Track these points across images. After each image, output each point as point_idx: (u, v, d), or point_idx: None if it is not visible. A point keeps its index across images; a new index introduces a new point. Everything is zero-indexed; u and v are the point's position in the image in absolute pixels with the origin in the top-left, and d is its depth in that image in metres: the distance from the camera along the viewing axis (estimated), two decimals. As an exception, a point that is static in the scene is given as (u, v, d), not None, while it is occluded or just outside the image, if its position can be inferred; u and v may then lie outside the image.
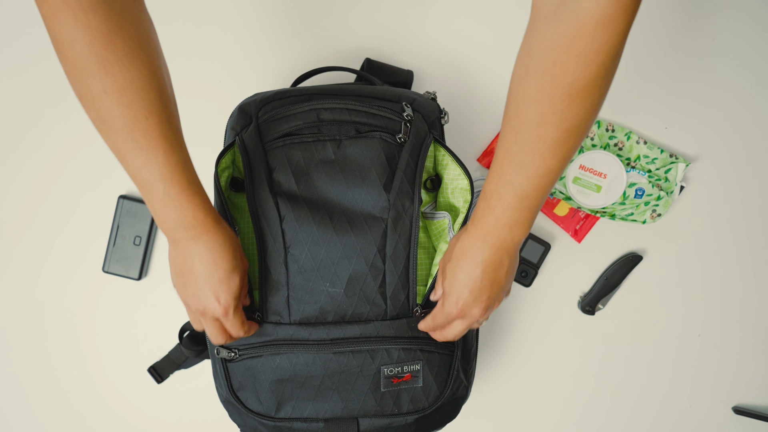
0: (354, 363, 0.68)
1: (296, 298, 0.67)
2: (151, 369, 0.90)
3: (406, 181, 0.68)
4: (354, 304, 0.67)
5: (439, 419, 0.72)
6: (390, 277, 0.67)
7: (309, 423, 0.69)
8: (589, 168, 0.89)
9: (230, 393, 0.70)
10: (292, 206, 0.67)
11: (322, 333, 0.67)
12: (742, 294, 0.94)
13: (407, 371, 0.69)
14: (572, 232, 0.92)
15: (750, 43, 0.93)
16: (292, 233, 0.67)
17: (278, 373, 0.68)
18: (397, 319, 0.68)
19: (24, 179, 0.93)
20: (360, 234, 0.67)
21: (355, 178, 0.67)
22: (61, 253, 0.93)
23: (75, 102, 0.92)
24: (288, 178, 0.68)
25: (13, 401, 0.93)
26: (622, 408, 0.95)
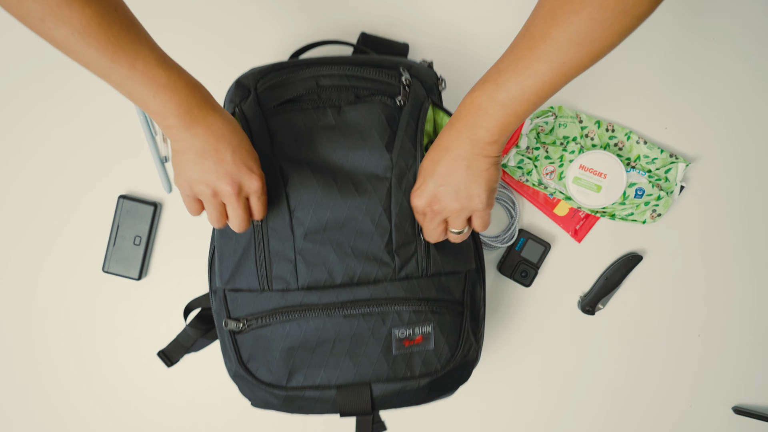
0: (365, 326, 0.67)
1: (303, 263, 0.66)
2: (160, 353, 0.88)
3: (408, 140, 0.67)
4: (362, 264, 0.66)
5: (451, 382, 0.72)
6: (397, 235, 0.67)
7: (321, 391, 0.68)
8: (589, 168, 0.89)
9: (240, 365, 0.69)
10: (295, 170, 0.66)
11: (332, 296, 0.67)
12: (742, 294, 0.94)
13: (418, 333, 0.68)
14: (572, 232, 0.92)
15: (750, 43, 0.93)
16: (297, 196, 0.66)
17: (288, 340, 0.67)
18: (407, 280, 0.67)
19: (24, 179, 0.93)
20: (364, 194, 0.66)
21: (357, 140, 0.67)
22: (61, 253, 0.93)
23: (75, 102, 0.92)
24: (290, 143, 0.67)
25: (13, 401, 0.94)
26: (622, 408, 0.95)
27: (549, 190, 0.91)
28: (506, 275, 0.92)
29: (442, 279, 0.69)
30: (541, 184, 0.91)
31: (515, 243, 0.92)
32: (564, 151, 0.90)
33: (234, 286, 0.69)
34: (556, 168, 0.90)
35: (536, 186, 0.91)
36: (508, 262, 0.92)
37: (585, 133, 0.91)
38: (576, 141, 0.90)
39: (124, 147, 0.93)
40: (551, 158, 0.90)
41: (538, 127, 0.90)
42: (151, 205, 0.90)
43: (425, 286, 0.68)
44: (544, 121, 0.90)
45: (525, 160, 0.90)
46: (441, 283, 0.69)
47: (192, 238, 0.93)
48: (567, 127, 0.90)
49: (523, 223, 0.94)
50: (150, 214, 0.90)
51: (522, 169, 0.91)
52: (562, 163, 0.90)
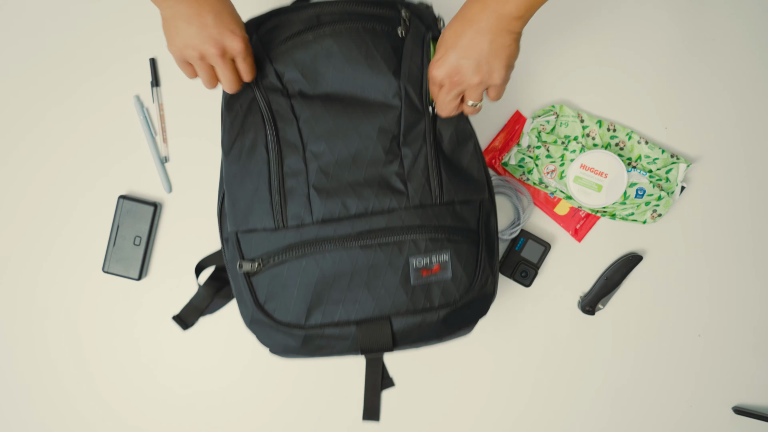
0: (382, 256, 0.66)
1: (317, 196, 0.66)
2: (175, 317, 0.86)
3: (415, 66, 0.68)
4: (375, 192, 0.66)
5: (470, 314, 0.71)
6: (408, 162, 0.67)
7: (341, 328, 0.67)
8: (590, 167, 0.88)
9: (257, 307, 0.68)
10: (306, 105, 0.67)
11: (347, 228, 0.66)
12: (742, 294, 0.94)
13: (436, 262, 0.67)
14: (572, 232, 0.92)
15: (750, 43, 0.93)
16: (309, 130, 0.66)
17: (306, 276, 0.66)
18: (421, 208, 0.67)
19: (24, 179, 0.93)
20: (375, 122, 0.67)
21: (364, 68, 0.68)
22: (61, 253, 0.93)
23: (75, 101, 0.92)
24: (298, 79, 0.68)
25: (13, 401, 0.94)
26: (622, 408, 0.95)
27: (550, 189, 0.91)
28: (506, 275, 0.92)
29: (456, 207, 0.69)
30: (542, 182, 0.91)
31: (517, 240, 0.92)
32: (565, 150, 0.90)
33: (247, 227, 0.68)
34: (557, 167, 0.90)
35: (537, 185, 0.91)
36: (508, 262, 0.92)
37: (586, 133, 0.91)
38: (577, 140, 0.90)
39: (124, 147, 0.92)
40: (552, 157, 0.90)
41: (540, 126, 0.90)
42: (151, 205, 0.90)
43: (440, 213, 0.68)
44: (546, 120, 0.90)
45: (526, 159, 0.90)
46: (456, 211, 0.69)
47: (192, 238, 0.93)
48: (568, 126, 0.90)
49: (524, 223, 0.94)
50: (150, 214, 0.90)
51: (523, 168, 0.91)
52: (563, 162, 0.90)
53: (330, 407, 0.94)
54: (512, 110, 0.93)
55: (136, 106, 0.92)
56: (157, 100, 0.92)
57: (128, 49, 0.92)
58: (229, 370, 0.93)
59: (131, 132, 0.92)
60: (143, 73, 0.92)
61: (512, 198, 0.91)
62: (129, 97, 0.92)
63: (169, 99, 0.92)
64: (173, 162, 0.93)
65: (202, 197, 0.93)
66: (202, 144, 0.92)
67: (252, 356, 0.93)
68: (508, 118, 0.93)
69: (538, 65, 0.93)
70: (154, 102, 0.92)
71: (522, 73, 0.93)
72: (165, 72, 0.92)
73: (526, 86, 0.93)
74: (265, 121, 0.67)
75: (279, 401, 0.94)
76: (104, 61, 0.92)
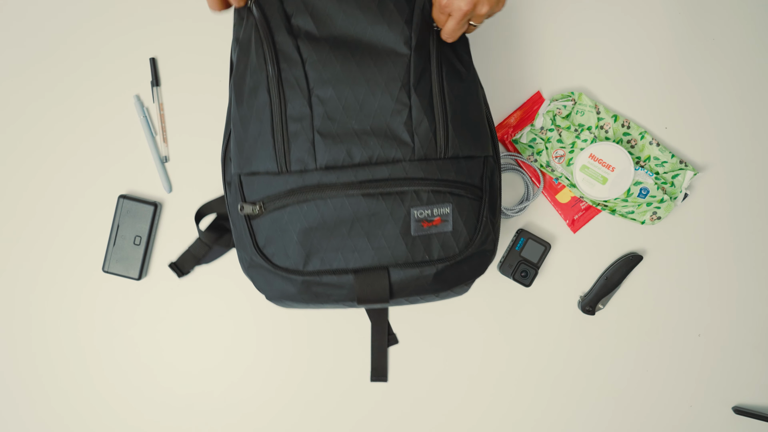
0: (383, 206, 0.66)
1: (322, 141, 0.65)
2: (172, 264, 0.85)
3: (426, 17, 0.67)
4: (381, 142, 0.66)
5: (468, 271, 0.71)
6: (416, 113, 0.66)
7: (339, 276, 0.67)
8: (599, 158, 0.88)
9: (256, 250, 0.68)
10: (313, 47, 0.66)
11: (350, 175, 0.66)
12: (742, 294, 0.94)
13: (437, 214, 0.67)
14: (570, 221, 0.93)
15: (750, 43, 0.93)
16: (316, 74, 0.66)
17: (306, 221, 0.66)
18: (426, 161, 0.67)
19: (24, 178, 0.93)
20: (384, 69, 0.66)
21: (375, 15, 0.67)
22: (61, 253, 0.93)
23: (75, 100, 0.92)
24: (306, 21, 0.67)
25: (12, 401, 0.94)
26: (622, 408, 0.95)
27: (555, 173, 0.91)
28: (506, 275, 0.92)
29: (461, 162, 0.68)
30: (548, 166, 0.91)
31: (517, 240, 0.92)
32: (577, 138, 0.90)
33: (250, 170, 0.67)
34: (566, 153, 0.90)
35: (543, 168, 0.91)
36: (508, 262, 0.92)
37: (600, 125, 0.91)
38: (590, 130, 0.90)
39: (123, 146, 0.92)
40: (563, 143, 0.90)
41: (556, 110, 0.90)
42: (151, 205, 0.90)
43: (444, 167, 0.67)
44: (563, 105, 0.90)
45: (537, 140, 0.91)
46: (460, 166, 0.68)
47: (192, 238, 0.93)
48: (584, 115, 0.91)
49: (524, 222, 0.94)
50: (150, 214, 0.90)
51: (533, 149, 0.91)
52: (573, 149, 0.90)
53: (332, 408, 0.94)
54: (533, 90, 0.93)
55: (136, 105, 0.92)
56: (158, 100, 0.92)
57: (128, 47, 0.92)
58: (230, 371, 0.93)
59: (131, 131, 0.92)
60: (143, 72, 0.92)
61: (524, 174, 0.91)
62: (129, 96, 0.92)
63: (169, 98, 0.92)
64: (173, 162, 0.93)
65: (202, 197, 0.93)
66: (202, 144, 0.92)
67: (253, 357, 0.93)
68: (528, 97, 0.93)
69: (566, 48, 0.93)
70: (155, 102, 0.92)
71: (549, 54, 0.93)
72: (165, 71, 0.92)
73: (551, 68, 0.93)
74: (267, 61, 0.66)
75: (280, 402, 0.94)
76: (104, 59, 0.92)
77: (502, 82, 0.93)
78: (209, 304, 0.93)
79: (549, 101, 0.91)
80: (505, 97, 0.93)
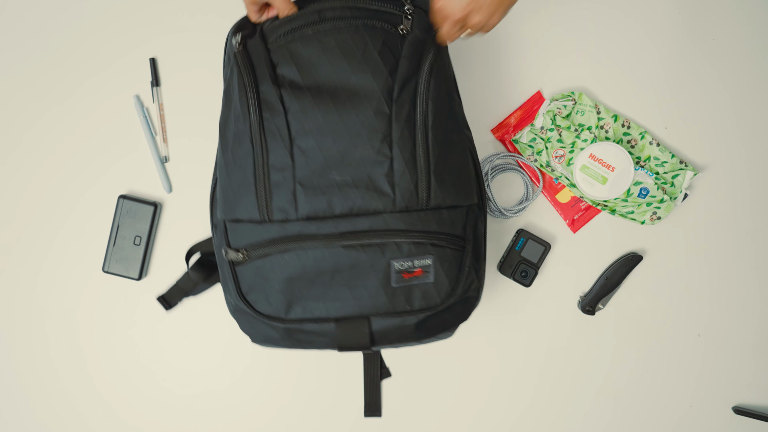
0: (364, 257, 0.66)
1: (303, 192, 0.66)
2: (160, 298, 0.87)
3: (411, 67, 0.67)
4: (362, 193, 0.66)
5: (451, 318, 0.71)
6: (398, 165, 0.66)
7: (320, 324, 0.67)
8: (599, 158, 0.89)
9: (239, 297, 0.69)
10: (296, 97, 0.66)
11: (331, 227, 0.66)
12: (742, 294, 0.94)
13: (418, 266, 0.67)
14: (570, 221, 0.93)
15: (750, 43, 0.93)
16: (298, 124, 0.66)
17: (287, 270, 0.66)
18: (407, 212, 0.67)
19: (24, 178, 0.93)
20: (366, 121, 0.66)
21: (359, 63, 0.67)
22: (61, 253, 0.93)
23: (75, 100, 0.92)
24: (291, 70, 0.67)
25: (12, 401, 0.94)
26: (622, 408, 0.95)
27: (555, 173, 0.91)
28: (506, 275, 0.92)
29: (443, 212, 0.68)
30: (548, 166, 0.91)
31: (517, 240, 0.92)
32: (577, 138, 0.90)
33: (234, 217, 0.68)
34: (566, 153, 0.90)
35: (543, 167, 0.91)
36: (508, 262, 0.92)
37: (601, 125, 0.91)
38: (591, 130, 0.90)
39: (123, 147, 0.92)
40: (563, 143, 0.90)
41: (556, 110, 0.90)
42: (151, 205, 0.90)
43: (425, 218, 0.67)
44: (563, 104, 0.90)
45: (537, 140, 0.91)
46: (442, 217, 0.68)
47: (192, 238, 0.93)
48: (584, 115, 0.91)
49: (523, 222, 0.94)
50: (150, 214, 0.90)
51: (533, 148, 0.91)
52: (573, 149, 0.90)
53: (331, 407, 0.94)
54: (533, 90, 0.93)
55: (136, 106, 0.92)
56: (157, 100, 0.92)
57: (128, 47, 0.92)
58: (230, 371, 0.93)
59: (131, 131, 0.92)
60: (143, 72, 0.92)
61: (524, 174, 0.91)
62: (129, 96, 0.92)
63: (169, 98, 0.92)
64: (173, 162, 0.93)
65: (202, 197, 0.93)
66: (202, 144, 0.92)
67: (252, 357, 0.93)
68: (528, 97, 0.93)
69: (566, 48, 0.93)
70: (154, 102, 0.92)
71: (549, 54, 0.93)
72: (165, 71, 0.92)
73: (551, 68, 0.93)
74: (250, 110, 0.67)
75: (280, 402, 0.94)
76: (104, 60, 0.92)
77: (502, 82, 0.93)
78: (209, 304, 0.93)
79: (549, 101, 0.91)
80: (505, 97, 0.93)
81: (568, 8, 0.93)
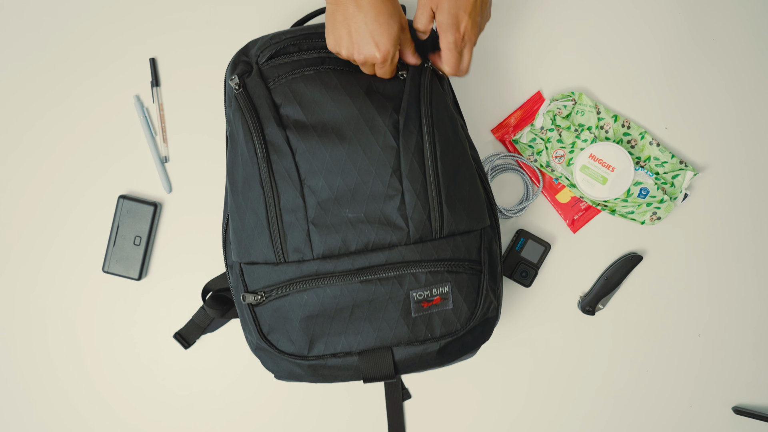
0: (382, 290, 0.67)
1: (317, 232, 0.66)
2: (176, 335, 0.87)
3: (414, 102, 0.68)
4: (376, 229, 0.66)
5: (472, 341, 0.72)
6: (409, 197, 0.67)
7: (343, 358, 0.69)
8: (599, 158, 0.89)
9: (261, 338, 0.70)
10: (302, 137, 0.66)
11: (347, 264, 0.67)
12: (742, 294, 0.94)
13: (436, 294, 0.68)
14: (570, 221, 0.93)
15: (750, 43, 0.93)
16: (306, 165, 0.66)
17: (307, 309, 0.67)
18: (421, 243, 0.67)
19: (23, 178, 0.93)
20: (374, 157, 0.66)
21: (363, 100, 0.67)
22: (61, 253, 0.93)
23: (74, 100, 0.92)
24: (295, 110, 0.67)
25: (12, 401, 0.94)
26: (622, 408, 0.95)
27: (555, 173, 0.91)
28: (506, 275, 0.92)
29: (457, 239, 0.69)
30: (548, 166, 0.91)
31: (517, 240, 0.92)
32: (577, 138, 0.90)
33: (250, 260, 0.69)
34: (566, 153, 0.90)
35: (543, 168, 0.91)
36: (508, 262, 0.92)
37: (601, 125, 0.91)
38: (591, 130, 0.90)
39: (123, 146, 0.92)
40: (563, 143, 0.90)
41: (556, 110, 0.90)
42: (151, 205, 0.90)
43: (440, 247, 0.68)
44: (563, 105, 0.90)
45: (537, 140, 0.91)
46: (456, 243, 0.69)
47: (192, 239, 0.93)
48: (584, 115, 0.91)
49: (523, 222, 0.94)
50: (150, 214, 0.90)
51: (533, 149, 0.91)
52: (573, 149, 0.90)
53: (329, 405, 0.94)
54: (533, 90, 0.93)
55: (136, 106, 0.92)
56: (157, 100, 0.92)
57: (127, 46, 0.92)
58: (230, 371, 0.93)
59: (131, 131, 0.92)
60: (143, 72, 0.92)
61: (524, 174, 0.92)
62: (129, 95, 0.92)
63: (169, 97, 0.92)
64: (173, 162, 0.93)
65: (202, 197, 0.93)
66: (202, 144, 0.92)
67: (252, 357, 0.93)
68: (528, 97, 0.93)
69: (566, 48, 0.93)
70: (154, 102, 0.92)
71: (549, 54, 0.93)
72: (165, 70, 0.92)
73: (551, 68, 0.93)
74: (257, 154, 0.67)
75: (279, 402, 0.94)
76: (104, 59, 0.92)
77: (502, 82, 0.93)
78: (209, 304, 0.93)
79: (549, 101, 0.91)
80: (505, 97, 0.93)
81: (569, 8, 0.93)
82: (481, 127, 0.93)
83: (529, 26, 0.93)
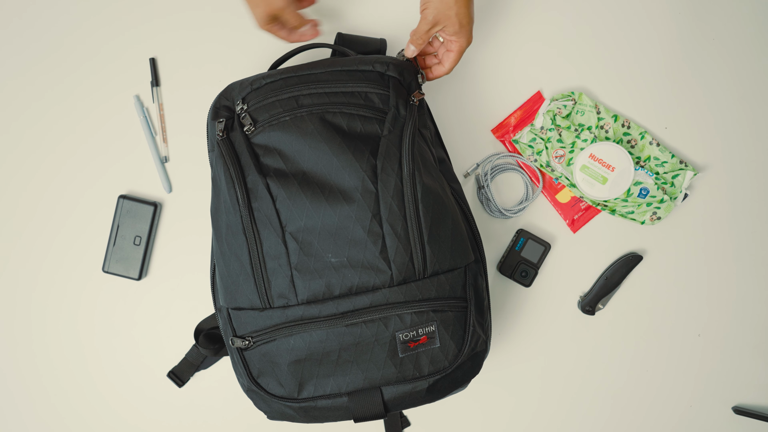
0: (368, 333, 0.67)
1: (300, 277, 0.67)
2: (170, 374, 0.89)
3: (393, 145, 0.68)
4: (359, 273, 0.67)
5: (461, 376, 0.72)
6: (390, 241, 0.67)
7: (333, 399, 0.69)
8: (599, 158, 0.89)
9: (251, 381, 0.71)
10: (282, 184, 0.67)
11: (332, 308, 0.67)
12: (742, 294, 0.94)
13: (423, 334, 0.68)
14: (570, 221, 0.93)
15: (750, 43, 0.93)
16: (287, 212, 0.67)
17: (294, 354, 0.68)
18: (405, 284, 0.68)
19: (23, 178, 0.93)
20: (353, 202, 0.67)
21: (339, 147, 0.68)
22: (61, 253, 0.93)
23: (74, 100, 0.92)
24: (275, 159, 0.68)
25: (12, 401, 0.94)
26: (622, 408, 0.95)
27: (555, 173, 0.91)
28: (506, 275, 0.92)
29: (441, 278, 0.69)
30: (548, 166, 0.91)
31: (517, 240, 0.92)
32: (577, 138, 0.90)
33: (236, 305, 0.70)
34: (566, 153, 0.90)
35: (543, 167, 0.91)
36: (508, 262, 0.92)
37: (601, 125, 0.91)
38: (591, 130, 0.90)
39: (123, 146, 0.92)
40: (563, 143, 0.90)
41: (556, 110, 0.90)
42: (151, 205, 0.90)
43: (424, 287, 0.68)
44: (563, 104, 0.90)
45: (537, 140, 0.91)
46: (440, 282, 0.69)
47: (192, 239, 0.93)
48: (584, 115, 0.91)
49: (523, 222, 0.94)
50: (150, 214, 0.90)
51: (533, 148, 0.91)
52: (573, 149, 0.90)
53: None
54: (533, 90, 0.93)
55: (136, 106, 0.92)
56: (157, 100, 0.92)
57: (127, 46, 0.92)
58: (229, 371, 0.93)
59: (131, 131, 0.92)
60: (143, 71, 0.92)
61: (524, 174, 0.92)
62: (129, 95, 0.92)
63: (169, 97, 0.92)
64: (173, 162, 0.93)
65: (202, 197, 0.93)
66: (202, 144, 0.92)
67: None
68: (528, 97, 0.93)
69: (566, 48, 0.93)
70: (154, 102, 0.92)
71: (549, 54, 0.93)
72: (165, 69, 0.92)
73: (551, 68, 0.93)
74: (239, 201, 0.68)
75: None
76: (103, 59, 0.92)
77: (502, 82, 0.93)
78: (209, 304, 0.93)
79: (549, 101, 0.91)
80: (505, 97, 0.93)
81: (569, 8, 0.93)
82: (481, 127, 0.93)
83: (529, 26, 0.93)
